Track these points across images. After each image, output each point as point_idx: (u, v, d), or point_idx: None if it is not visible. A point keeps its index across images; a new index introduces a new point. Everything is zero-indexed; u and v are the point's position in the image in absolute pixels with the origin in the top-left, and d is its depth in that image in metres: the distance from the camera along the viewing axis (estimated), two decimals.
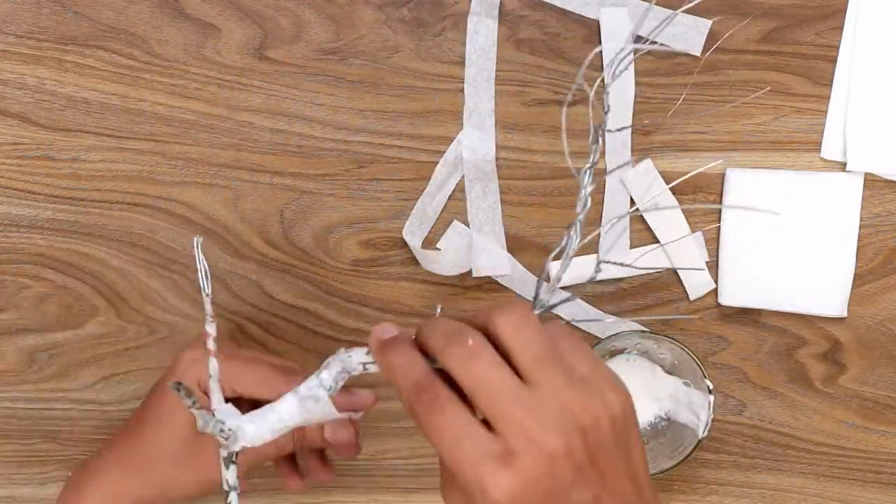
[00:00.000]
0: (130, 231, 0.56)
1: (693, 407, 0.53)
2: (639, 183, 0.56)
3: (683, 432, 0.53)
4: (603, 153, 0.55)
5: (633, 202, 0.56)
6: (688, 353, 0.52)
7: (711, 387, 0.51)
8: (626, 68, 0.50)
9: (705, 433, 0.51)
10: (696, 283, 0.56)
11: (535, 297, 0.39)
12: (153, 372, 0.57)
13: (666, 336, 0.52)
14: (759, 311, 0.57)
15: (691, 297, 0.57)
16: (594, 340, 0.56)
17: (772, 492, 0.58)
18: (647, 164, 0.56)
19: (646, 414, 0.55)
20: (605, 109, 0.43)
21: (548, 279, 0.42)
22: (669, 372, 0.55)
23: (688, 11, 0.53)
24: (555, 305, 0.39)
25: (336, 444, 0.47)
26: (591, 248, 0.57)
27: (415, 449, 0.58)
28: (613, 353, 0.55)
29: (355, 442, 0.47)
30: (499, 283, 0.57)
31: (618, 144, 0.56)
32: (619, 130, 0.55)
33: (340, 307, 0.57)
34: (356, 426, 0.47)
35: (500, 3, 0.55)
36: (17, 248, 0.56)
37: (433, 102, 0.56)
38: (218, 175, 0.56)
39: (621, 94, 0.55)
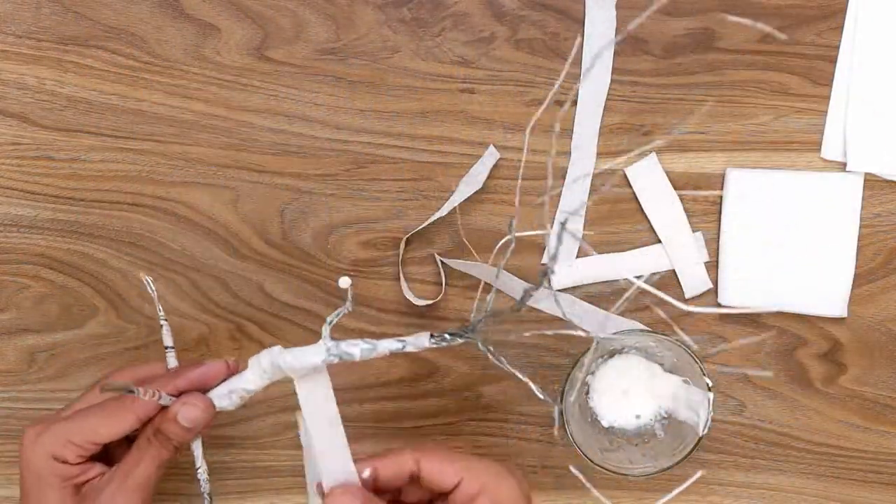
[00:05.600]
0: (130, 231, 0.56)
1: (693, 405, 0.53)
2: (641, 177, 0.56)
3: (684, 430, 0.53)
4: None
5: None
6: (687, 352, 0.52)
7: (711, 384, 0.51)
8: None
9: (705, 431, 0.51)
10: (693, 283, 0.56)
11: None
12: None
13: (665, 335, 0.52)
14: (758, 312, 0.57)
15: (687, 296, 0.57)
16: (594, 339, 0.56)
17: (772, 492, 0.58)
18: (652, 158, 0.56)
19: (646, 412, 0.55)
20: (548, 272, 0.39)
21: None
22: (669, 370, 0.55)
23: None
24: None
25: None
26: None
27: None
28: (613, 353, 0.55)
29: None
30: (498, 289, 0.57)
31: (583, 139, 0.56)
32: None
33: (340, 307, 0.57)
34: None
35: (500, 3, 0.55)
36: (17, 248, 0.56)
37: (433, 102, 0.56)
38: (218, 175, 0.56)
39: (595, 88, 0.56)
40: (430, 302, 0.56)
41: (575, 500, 0.58)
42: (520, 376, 0.41)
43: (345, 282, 0.44)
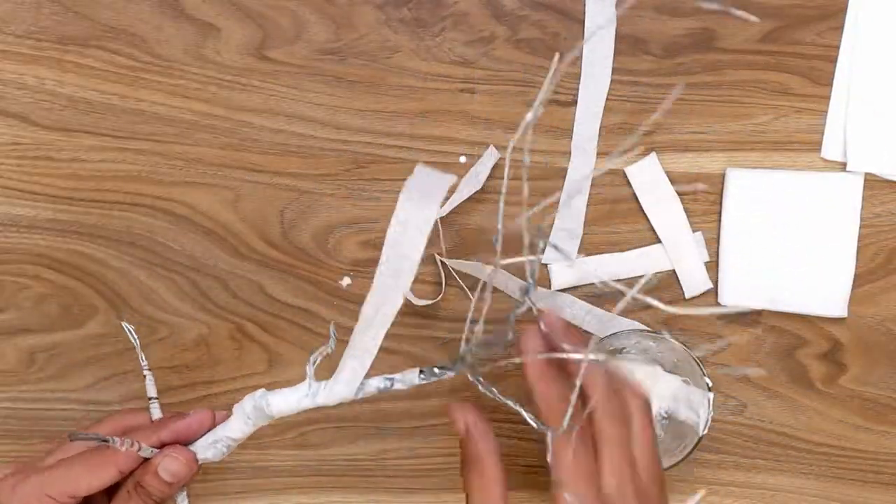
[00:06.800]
0: (130, 231, 0.56)
1: (693, 405, 0.53)
2: (641, 177, 0.56)
3: (684, 430, 0.53)
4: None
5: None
6: (687, 352, 0.52)
7: (711, 384, 0.51)
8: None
9: (705, 431, 0.51)
10: (693, 283, 0.56)
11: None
12: (153, 372, 0.57)
13: (664, 335, 0.52)
14: (759, 311, 0.57)
15: (687, 296, 0.57)
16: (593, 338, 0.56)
17: (772, 492, 0.58)
18: (652, 158, 0.56)
19: None
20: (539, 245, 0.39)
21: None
22: (669, 371, 0.55)
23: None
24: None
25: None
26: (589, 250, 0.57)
27: (415, 449, 0.58)
28: (613, 353, 0.55)
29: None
30: (494, 287, 0.57)
31: (583, 139, 0.56)
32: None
33: (340, 307, 0.57)
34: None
35: (500, 3, 0.55)
36: (17, 248, 0.56)
37: (433, 102, 0.56)
38: (218, 175, 0.56)
39: (595, 88, 0.56)
40: (429, 302, 0.56)
41: None
42: (512, 405, 0.41)
43: (332, 329, 0.44)
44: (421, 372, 0.41)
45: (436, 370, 0.40)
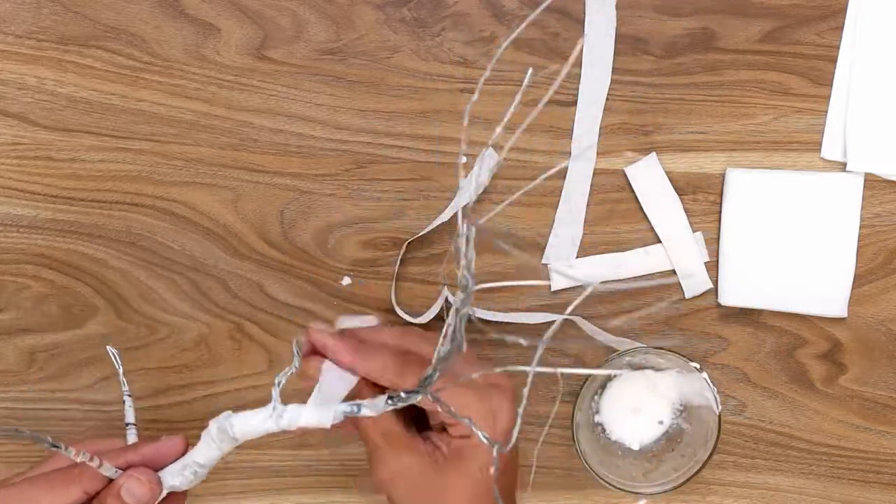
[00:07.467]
0: (130, 231, 0.56)
1: (698, 389, 0.53)
2: (641, 177, 0.56)
3: (702, 415, 0.53)
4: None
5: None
6: (663, 349, 0.52)
7: (699, 366, 0.52)
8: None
9: (720, 407, 0.52)
10: (693, 283, 0.56)
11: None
12: (153, 372, 0.57)
13: (634, 346, 0.53)
14: (759, 311, 0.57)
15: (687, 296, 0.57)
16: (580, 382, 0.56)
17: (772, 492, 0.58)
18: (652, 158, 0.56)
19: (665, 415, 0.55)
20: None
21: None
22: (663, 370, 0.55)
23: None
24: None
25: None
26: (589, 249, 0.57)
27: None
28: (605, 384, 0.56)
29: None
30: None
31: (583, 139, 0.56)
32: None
33: (340, 307, 0.57)
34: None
35: (500, 3, 0.55)
36: (17, 248, 0.56)
37: (433, 102, 0.56)
38: (218, 175, 0.56)
39: (595, 88, 0.56)
40: (420, 321, 0.56)
41: (574, 500, 0.58)
42: (467, 423, 0.40)
43: (294, 347, 0.44)
44: (389, 398, 0.40)
45: (402, 395, 0.40)
